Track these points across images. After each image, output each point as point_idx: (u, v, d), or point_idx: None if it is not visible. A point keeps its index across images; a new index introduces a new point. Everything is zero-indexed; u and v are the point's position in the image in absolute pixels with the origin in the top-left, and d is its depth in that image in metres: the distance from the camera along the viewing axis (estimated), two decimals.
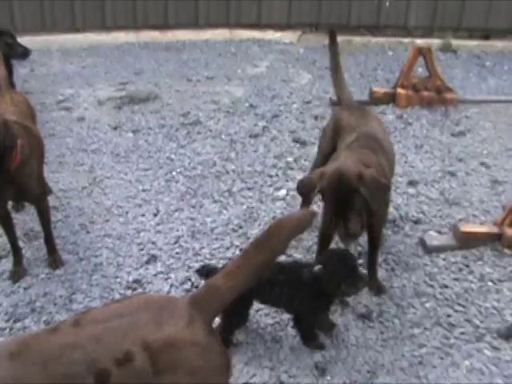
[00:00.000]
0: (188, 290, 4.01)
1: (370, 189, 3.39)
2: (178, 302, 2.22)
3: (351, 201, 3.41)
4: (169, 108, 6.86)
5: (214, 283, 2.25)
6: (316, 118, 6.45)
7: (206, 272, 3.41)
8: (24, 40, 6.52)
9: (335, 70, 4.57)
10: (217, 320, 3.08)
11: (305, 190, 3.60)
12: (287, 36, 9.41)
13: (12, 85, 5.73)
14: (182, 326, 2.10)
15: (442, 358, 3.44)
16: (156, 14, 9.67)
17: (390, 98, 6.83)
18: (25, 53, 6.04)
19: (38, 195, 4.14)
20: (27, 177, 3.92)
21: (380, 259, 4.24)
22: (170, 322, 2.10)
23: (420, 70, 7.09)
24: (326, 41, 4.98)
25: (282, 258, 3.91)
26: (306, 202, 3.65)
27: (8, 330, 3.77)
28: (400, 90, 6.79)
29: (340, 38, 8.51)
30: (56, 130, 6.27)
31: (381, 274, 4.12)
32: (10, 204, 4.36)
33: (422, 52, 6.72)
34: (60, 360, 2.00)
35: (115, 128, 6.38)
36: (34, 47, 6.87)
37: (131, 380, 2.03)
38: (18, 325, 3.81)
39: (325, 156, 4.20)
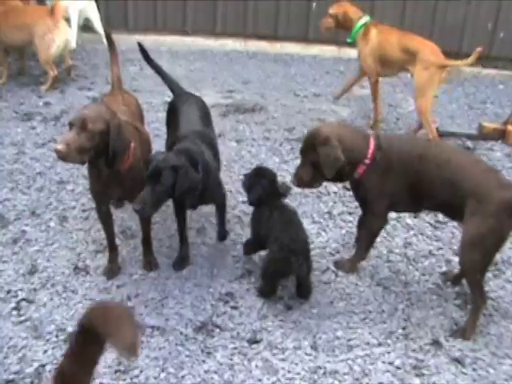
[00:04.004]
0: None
1: None
2: None
3: None
4: (274, 121, 6.84)
5: None
6: None
7: None
8: (135, 38, 6.58)
9: None
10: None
11: None
12: None
13: None
14: None
15: None
16: (266, 25, 9.70)
17: (500, 135, 6.61)
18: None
19: None
20: (135, 179, 3.95)
21: None
22: None
23: None
24: None
25: None
26: None
27: None
28: (511, 127, 6.56)
29: None
30: (161, 131, 6.31)
31: None
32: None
33: None
34: None
35: (219, 135, 6.33)
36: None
37: None
38: None
39: None
